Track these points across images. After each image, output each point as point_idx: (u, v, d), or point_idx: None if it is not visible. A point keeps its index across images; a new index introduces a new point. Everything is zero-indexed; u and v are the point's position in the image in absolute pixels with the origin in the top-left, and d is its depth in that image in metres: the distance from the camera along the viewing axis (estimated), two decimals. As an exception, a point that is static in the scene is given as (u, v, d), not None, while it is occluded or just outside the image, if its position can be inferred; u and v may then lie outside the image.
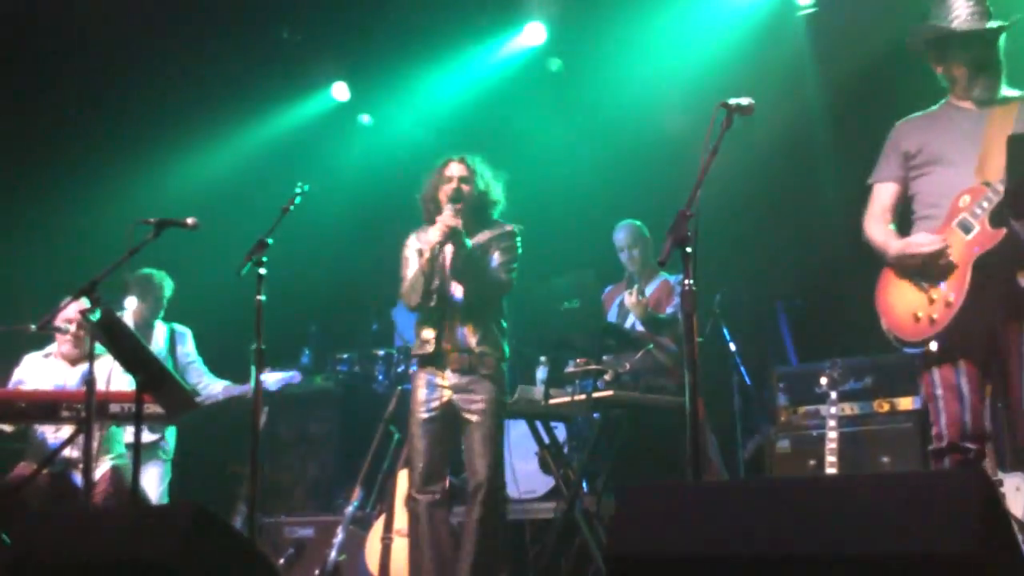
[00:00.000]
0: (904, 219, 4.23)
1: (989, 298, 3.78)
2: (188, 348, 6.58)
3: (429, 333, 4.86)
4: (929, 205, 4.04)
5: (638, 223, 6.27)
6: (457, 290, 4.86)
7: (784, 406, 5.88)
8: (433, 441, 4.81)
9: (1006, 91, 4.06)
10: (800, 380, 5.85)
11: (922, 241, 3.93)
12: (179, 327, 6.62)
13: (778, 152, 7.08)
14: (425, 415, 4.82)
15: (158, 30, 7.91)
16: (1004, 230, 3.73)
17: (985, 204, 3.78)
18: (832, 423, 5.30)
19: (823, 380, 5.47)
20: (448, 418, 4.82)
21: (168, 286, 6.49)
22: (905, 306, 3.94)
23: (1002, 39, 4.02)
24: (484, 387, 4.79)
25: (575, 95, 8.12)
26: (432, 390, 4.83)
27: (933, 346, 3.86)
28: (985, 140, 3.88)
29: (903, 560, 2.16)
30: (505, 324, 4.99)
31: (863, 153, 6.97)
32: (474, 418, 4.76)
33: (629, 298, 5.82)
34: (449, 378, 4.81)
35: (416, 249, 4.99)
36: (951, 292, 3.80)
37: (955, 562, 2.09)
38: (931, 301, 3.84)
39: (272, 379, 6.32)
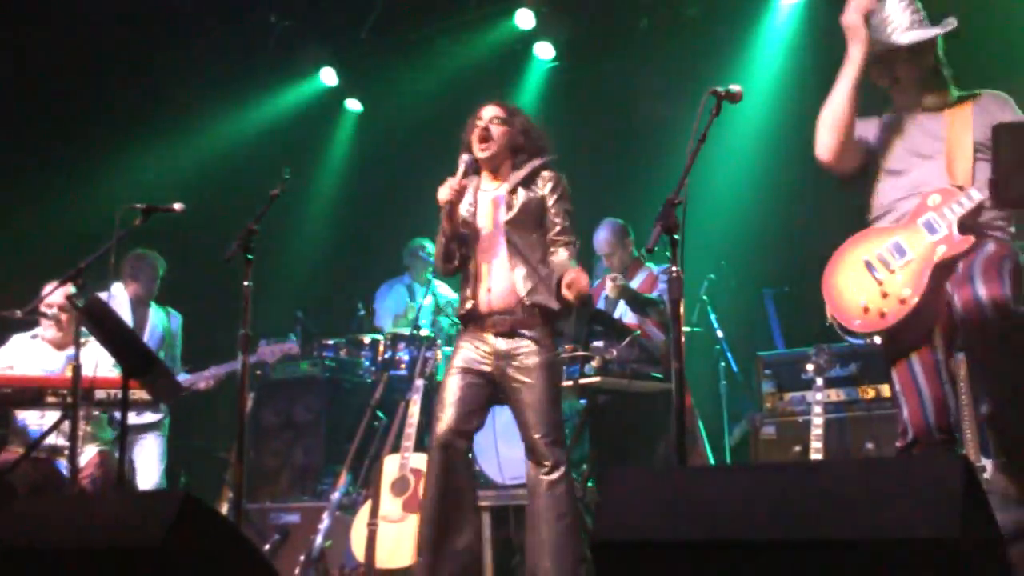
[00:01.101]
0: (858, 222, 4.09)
1: (940, 295, 3.64)
2: (177, 334, 6.59)
3: (467, 292, 4.46)
4: (883, 207, 3.92)
5: (617, 222, 6.22)
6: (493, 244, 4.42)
7: (770, 392, 5.90)
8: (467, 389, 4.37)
9: (954, 92, 3.97)
10: (786, 366, 5.87)
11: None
12: (173, 312, 6.63)
13: (765, 139, 7.10)
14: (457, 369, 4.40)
15: (145, 15, 7.88)
16: (972, 237, 3.61)
17: (956, 208, 3.65)
18: (818, 409, 5.33)
19: (809, 366, 5.50)
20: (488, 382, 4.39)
21: (161, 265, 6.49)
22: (854, 294, 3.75)
23: (940, 40, 3.93)
24: (532, 349, 4.33)
25: (565, 81, 8.12)
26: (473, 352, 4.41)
27: (876, 340, 3.79)
28: (948, 144, 3.78)
29: (885, 544, 2.18)
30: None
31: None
32: (526, 385, 4.30)
33: (609, 286, 5.82)
34: (492, 342, 4.38)
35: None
36: (907, 288, 3.62)
37: (936, 546, 2.11)
38: (884, 295, 3.66)
39: (270, 352, 6.32)
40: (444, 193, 4.34)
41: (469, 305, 4.41)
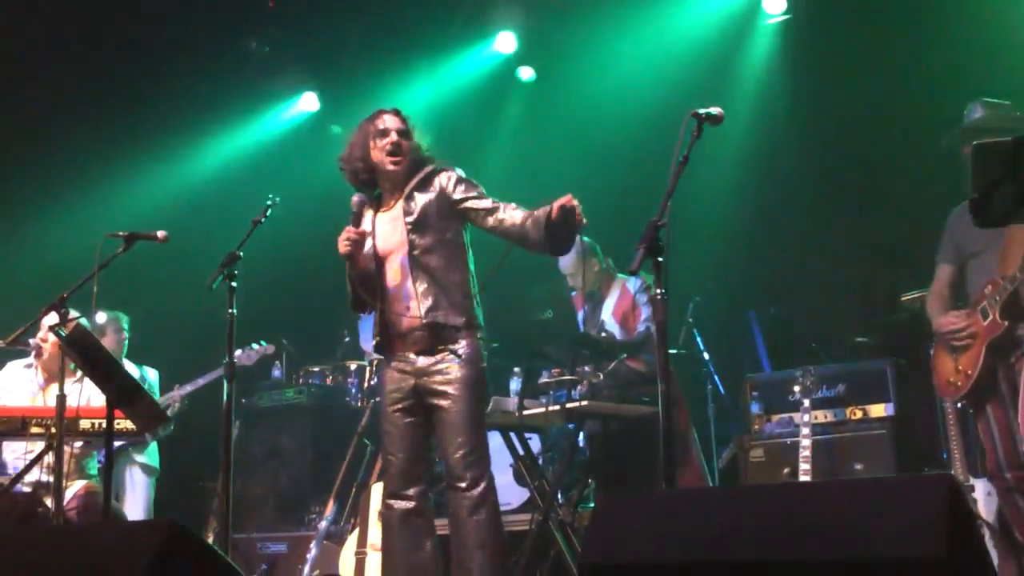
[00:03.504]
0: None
1: (998, 366, 4.49)
2: (153, 389, 6.54)
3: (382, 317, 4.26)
4: (970, 291, 4.65)
5: (581, 240, 6.17)
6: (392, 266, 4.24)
7: (757, 414, 5.89)
8: (406, 430, 4.22)
9: None
10: (773, 388, 5.87)
11: (949, 320, 4.61)
12: (149, 369, 6.57)
13: (749, 161, 7.13)
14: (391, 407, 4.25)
15: (127, 43, 7.89)
16: (1007, 323, 4.37)
17: (998, 297, 4.38)
18: (805, 431, 5.32)
19: (796, 388, 5.50)
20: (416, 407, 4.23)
21: (125, 321, 6.47)
22: (942, 371, 4.68)
23: None
24: (453, 363, 4.16)
25: (546, 104, 8.15)
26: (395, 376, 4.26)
27: (959, 404, 4.84)
28: (1008, 232, 4.36)
29: (874, 565, 2.17)
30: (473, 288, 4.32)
31: (834, 163, 7.08)
32: (444, 402, 4.14)
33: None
34: (412, 359, 4.21)
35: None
36: (968, 368, 4.52)
37: (923, 566, 2.10)
38: (956, 371, 4.59)
39: (246, 356, 6.29)
40: (342, 246, 4.16)
41: (389, 328, 4.22)
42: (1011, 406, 4.43)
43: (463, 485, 4.09)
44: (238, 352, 6.34)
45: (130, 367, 6.46)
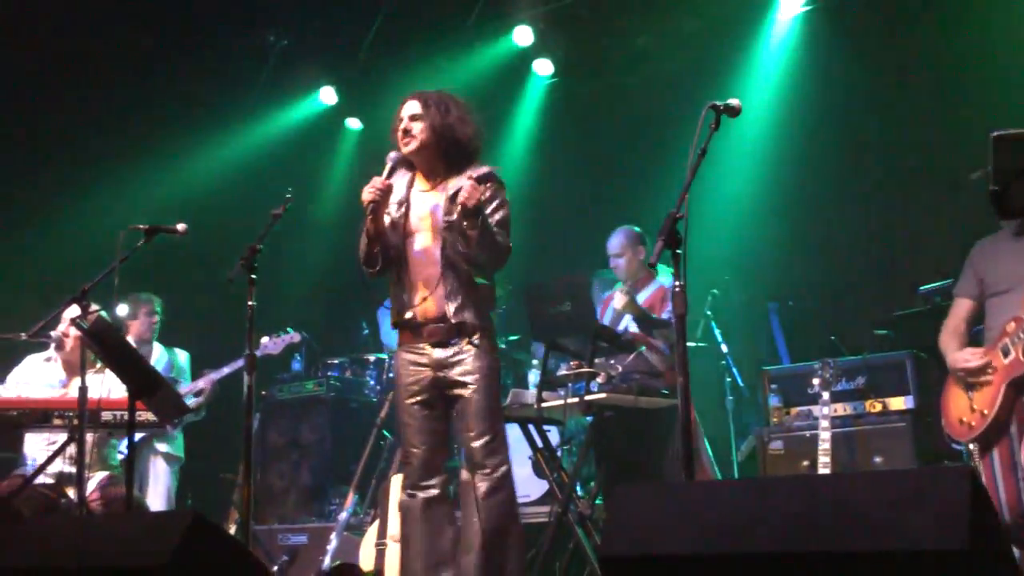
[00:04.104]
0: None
1: (1015, 406, 4.35)
2: (185, 369, 6.59)
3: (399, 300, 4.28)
4: (989, 327, 4.53)
5: (631, 229, 6.21)
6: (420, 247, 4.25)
7: (776, 407, 5.87)
8: (425, 423, 4.24)
9: None
10: (792, 381, 5.85)
11: (965, 357, 4.49)
12: (180, 351, 6.62)
13: (767, 153, 7.11)
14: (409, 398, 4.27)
15: (146, 38, 7.92)
16: None
17: (1022, 334, 4.28)
18: (824, 423, 5.30)
19: (815, 381, 5.47)
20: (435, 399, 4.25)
21: (158, 304, 6.49)
22: (954, 410, 4.55)
23: None
24: (470, 354, 4.18)
25: (565, 96, 8.14)
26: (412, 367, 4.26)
27: (972, 447, 4.51)
28: None
29: (894, 557, 2.17)
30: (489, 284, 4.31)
31: (853, 153, 7.05)
32: (465, 392, 4.17)
33: (618, 298, 5.81)
34: (428, 351, 4.22)
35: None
36: (985, 407, 4.39)
37: (945, 558, 2.10)
38: (971, 410, 4.46)
39: (272, 344, 6.31)
40: (366, 193, 4.19)
41: (408, 315, 4.24)
42: (1018, 448, 4.32)
43: (485, 471, 4.13)
44: (264, 339, 6.36)
45: (160, 350, 6.50)
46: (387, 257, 4.29)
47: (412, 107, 4.30)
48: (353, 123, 8.83)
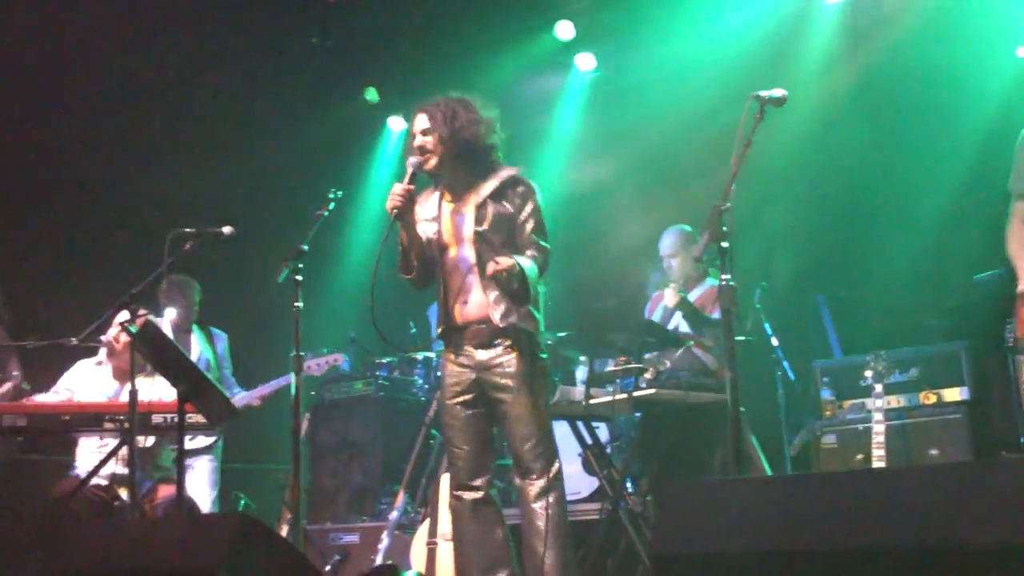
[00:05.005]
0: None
1: None
2: (225, 354, 6.63)
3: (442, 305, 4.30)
4: None
5: (683, 228, 6.16)
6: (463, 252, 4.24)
7: (829, 400, 5.81)
8: (468, 423, 4.25)
9: None
10: (844, 374, 5.79)
11: None
12: (217, 332, 6.67)
13: (814, 143, 7.02)
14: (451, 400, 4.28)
15: (191, 40, 8.00)
16: None
17: None
18: (878, 416, 5.24)
19: (868, 373, 5.41)
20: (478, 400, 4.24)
21: (197, 290, 6.52)
22: None
23: None
24: (513, 356, 4.15)
25: (608, 91, 8.10)
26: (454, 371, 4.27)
27: None
28: None
29: (952, 552, 2.12)
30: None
31: (903, 140, 6.94)
32: (507, 396, 4.16)
33: (669, 295, 5.77)
34: (470, 352, 4.23)
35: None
36: None
37: (1006, 553, 2.05)
38: None
39: (316, 366, 6.34)
40: (389, 201, 4.16)
41: (450, 318, 4.25)
42: None
43: (534, 476, 4.14)
44: (308, 361, 6.41)
45: (198, 337, 6.54)
46: (426, 266, 4.31)
47: (421, 122, 4.30)
48: (395, 123, 8.84)
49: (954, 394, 5.44)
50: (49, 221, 7.87)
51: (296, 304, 4.25)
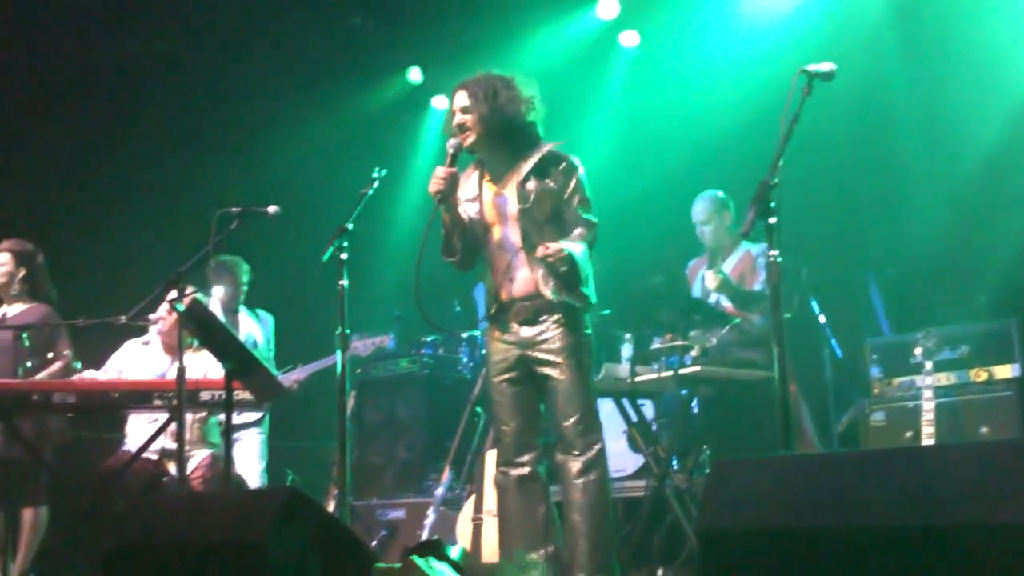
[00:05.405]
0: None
1: None
2: (271, 335, 6.68)
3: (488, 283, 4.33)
4: None
5: (715, 194, 6.09)
6: (508, 232, 4.25)
7: (878, 378, 5.76)
8: (515, 399, 4.26)
9: None
10: (893, 351, 5.74)
11: None
12: (263, 313, 6.72)
13: (861, 117, 6.92)
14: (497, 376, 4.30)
15: (234, 22, 8.04)
16: None
17: None
18: (928, 394, 5.19)
19: (917, 350, 5.36)
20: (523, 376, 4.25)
21: (244, 271, 6.56)
22: None
23: None
24: (558, 332, 4.15)
25: (650, 67, 8.04)
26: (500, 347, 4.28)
27: None
28: None
29: (1004, 531, 2.09)
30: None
31: (951, 113, 6.82)
32: (552, 371, 4.16)
33: (710, 278, 5.73)
34: (515, 330, 4.23)
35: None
36: None
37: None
38: None
39: (363, 346, 6.37)
40: (432, 184, 4.18)
41: (494, 304, 4.28)
42: None
43: (576, 452, 4.14)
44: (355, 341, 6.44)
45: (247, 316, 6.59)
46: (469, 247, 4.33)
47: (461, 99, 4.27)
48: (439, 102, 8.84)
49: (1005, 371, 5.37)
50: (98, 202, 7.96)
51: (341, 282, 4.27)
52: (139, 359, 5.94)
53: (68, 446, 6.17)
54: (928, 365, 5.26)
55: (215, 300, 6.36)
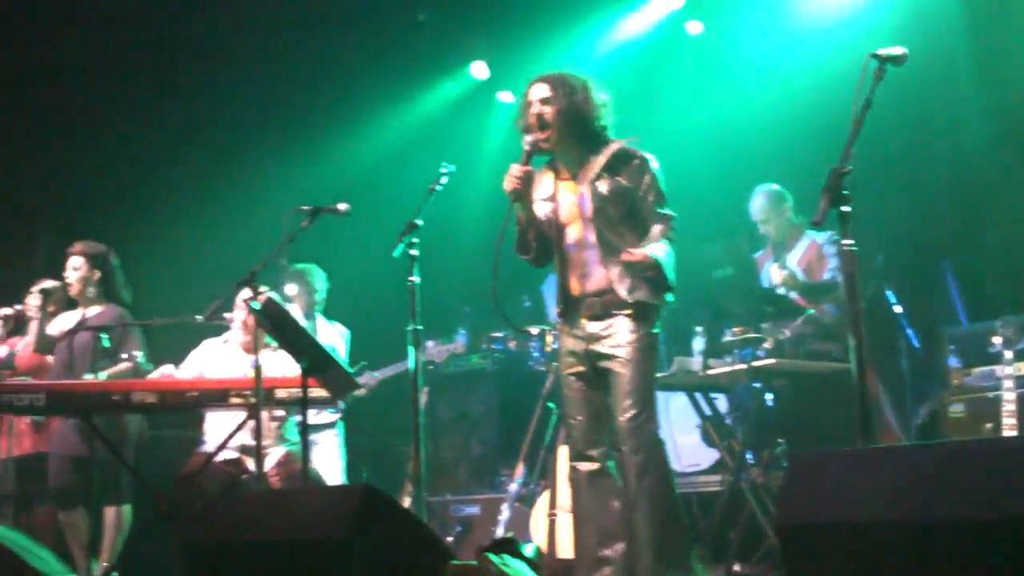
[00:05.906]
0: None
1: None
2: (344, 348, 6.73)
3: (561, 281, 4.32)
4: None
5: (770, 188, 6.03)
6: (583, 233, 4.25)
7: (956, 368, 5.66)
8: (584, 395, 4.27)
9: None
10: (972, 340, 5.63)
11: None
12: (340, 326, 6.76)
13: (933, 102, 6.80)
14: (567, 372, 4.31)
15: (302, 21, 8.14)
16: None
17: None
18: (1008, 384, 5.08)
19: (996, 339, 5.24)
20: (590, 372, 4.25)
21: (318, 278, 6.60)
22: None
23: None
24: (624, 326, 4.15)
25: (717, 56, 7.98)
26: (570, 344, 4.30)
27: None
28: None
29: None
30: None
31: (1020, 100, 6.67)
32: (613, 366, 4.15)
33: (776, 273, 5.67)
34: (584, 324, 4.24)
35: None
36: None
37: None
38: None
39: (437, 352, 6.40)
40: (507, 182, 4.19)
41: (566, 300, 4.29)
42: None
43: (627, 449, 4.12)
44: (430, 345, 6.48)
45: (324, 324, 6.65)
46: (543, 245, 4.34)
47: (541, 90, 4.28)
48: (505, 97, 8.85)
49: (1087, 359, 5.24)
50: (172, 203, 8.10)
51: (412, 279, 4.29)
52: (218, 358, 6.02)
53: (148, 445, 6.29)
54: (1008, 354, 5.15)
55: (294, 306, 6.43)
